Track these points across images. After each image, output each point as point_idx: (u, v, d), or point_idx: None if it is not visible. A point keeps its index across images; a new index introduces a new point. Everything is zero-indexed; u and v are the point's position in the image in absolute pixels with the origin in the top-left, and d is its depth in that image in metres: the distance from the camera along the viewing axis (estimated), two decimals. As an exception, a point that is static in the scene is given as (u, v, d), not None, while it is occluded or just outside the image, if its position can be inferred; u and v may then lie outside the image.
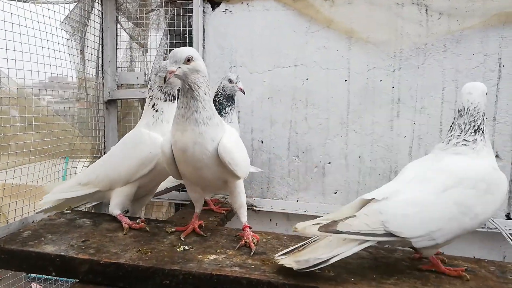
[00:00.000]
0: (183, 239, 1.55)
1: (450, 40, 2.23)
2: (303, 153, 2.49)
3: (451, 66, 2.24)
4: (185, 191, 2.56)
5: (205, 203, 2.20)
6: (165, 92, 1.70)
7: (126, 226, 1.60)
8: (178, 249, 1.46)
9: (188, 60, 1.35)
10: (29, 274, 2.41)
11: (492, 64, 2.19)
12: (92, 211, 2.55)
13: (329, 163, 2.46)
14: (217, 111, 2.09)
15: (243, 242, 1.54)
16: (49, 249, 1.37)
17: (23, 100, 1.92)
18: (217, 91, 2.22)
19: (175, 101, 1.66)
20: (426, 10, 2.25)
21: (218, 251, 1.47)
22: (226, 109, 2.17)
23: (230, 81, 2.15)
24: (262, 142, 2.53)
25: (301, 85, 2.45)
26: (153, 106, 1.69)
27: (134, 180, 1.63)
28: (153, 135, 1.61)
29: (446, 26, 2.23)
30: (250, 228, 1.62)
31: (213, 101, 2.20)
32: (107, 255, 1.37)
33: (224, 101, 2.17)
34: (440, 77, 2.26)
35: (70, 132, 2.28)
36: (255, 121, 2.51)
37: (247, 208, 2.48)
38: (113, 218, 1.71)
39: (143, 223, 1.63)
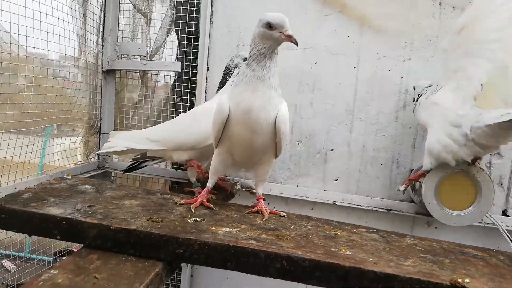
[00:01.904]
0: (193, 210, 1.50)
1: (461, 34, 2.24)
2: (306, 138, 2.46)
3: (460, 60, 2.25)
4: (182, 169, 2.50)
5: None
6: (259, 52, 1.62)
7: (197, 203, 1.59)
8: (189, 220, 1.41)
9: None
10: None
11: (501, 61, 2.21)
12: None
13: (332, 150, 2.44)
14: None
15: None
16: (54, 211, 1.29)
17: (21, 58, 1.80)
18: (228, 68, 2.15)
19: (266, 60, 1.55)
20: (440, 3, 2.25)
21: (230, 224, 1.42)
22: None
23: (245, 59, 2.10)
24: (264, 125, 2.49)
25: (309, 69, 2.41)
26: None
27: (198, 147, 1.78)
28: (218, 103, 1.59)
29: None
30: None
31: (223, 78, 2.14)
32: (116, 221, 1.30)
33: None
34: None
35: (67, 98, 2.17)
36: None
37: (246, 190, 2.47)
38: (118, 187, 1.64)
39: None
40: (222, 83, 2.18)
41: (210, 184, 1.61)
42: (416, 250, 1.41)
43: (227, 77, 2.14)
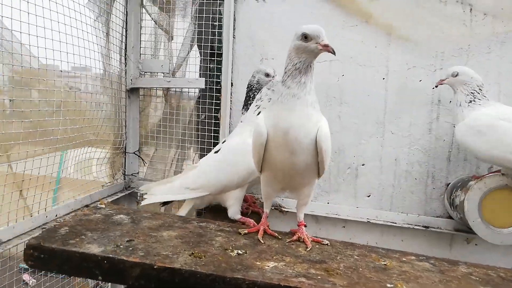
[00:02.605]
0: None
1: (494, 41, 2.15)
2: (335, 153, 2.38)
3: (494, 69, 2.16)
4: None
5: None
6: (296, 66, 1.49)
7: (261, 232, 1.54)
8: (231, 254, 1.34)
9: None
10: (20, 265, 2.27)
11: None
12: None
13: (363, 164, 2.36)
14: (249, 106, 1.99)
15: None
16: (94, 249, 1.24)
17: (49, 82, 1.76)
18: (250, 85, 2.09)
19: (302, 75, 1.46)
20: (470, 10, 2.16)
21: (274, 257, 1.35)
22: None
23: (267, 75, 2.03)
24: (292, 140, 2.41)
25: (335, 82, 2.33)
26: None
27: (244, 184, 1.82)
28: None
29: (490, 27, 2.14)
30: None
31: (248, 96, 2.08)
32: (159, 258, 1.24)
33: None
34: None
35: (94, 120, 2.13)
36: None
37: (275, 209, 2.40)
38: (152, 215, 1.58)
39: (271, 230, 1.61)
40: (246, 101, 2.12)
41: (267, 208, 1.56)
42: (473, 281, 1.32)
43: (250, 93, 2.08)
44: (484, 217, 1.85)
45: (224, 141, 2.13)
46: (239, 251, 1.36)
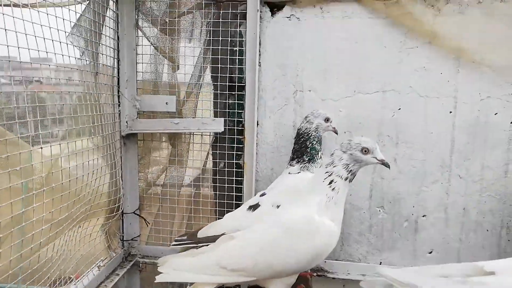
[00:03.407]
0: None
1: None
2: (390, 203, 1.92)
3: None
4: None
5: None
6: (350, 170, 1.39)
7: None
8: None
9: None
10: None
11: None
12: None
13: (424, 216, 1.91)
14: (308, 157, 1.69)
15: None
16: None
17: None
18: (307, 134, 1.64)
19: (351, 182, 1.41)
20: (558, 27, 1.73)
21: None
22: (319, 154, 1.70)
23: (327, 120, 1.66)
24: (335, 189, 1.94)
25: (390, 117, 1.87)
26: (330, 182, 1.38)
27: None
28: (328, 224, 1.36)
29: None
30: None
31: (302, 146, 1.61)
32: None
33: (317, 144, 1.68)
34: None
35: (87, 187, 1.58)
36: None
37: (318, 275, 1.93)
38: None
39: None
40: (300, 151, 1.68)
41: None
42: None
43: (307, 143, 1.67)
44: None
45: (263, 194, 1.64)
46: None
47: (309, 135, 1.66)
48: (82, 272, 1.64)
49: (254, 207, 1.60)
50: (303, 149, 1.67)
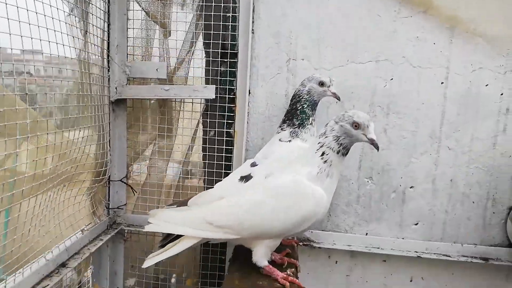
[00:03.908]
0: None
1: None
2: (378, 174, 1.93)
3: None
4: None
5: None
6: (341, 144, 1.33)
7: (287, 284, 1.36)
8: None
9: None
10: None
11: None
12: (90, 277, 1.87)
13: (412, 187, 1.92)
14: (298, 121, 1.65)
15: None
16: None
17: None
18: (299, 96, 1.61)
19: (345, 156, 1.36)
20: (552, -2, 1.73)
21: None
22: (310, 119, 1.65)
23: (322, 83, 1.60)
24: (325, 159, 1.94)
25: (382, 87, 1.86)
26: (322, 154, 1.34)
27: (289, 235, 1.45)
28: (318, 191, 1.32)
29: None
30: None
31: (292, 109, 1.60)
32: None
33: (308, 109, 1.63)
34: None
35: (72, 145, 1.54)
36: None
37: (303, 245, 1.93)
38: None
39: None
40: (290, 115, 1.65)
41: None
42: None
43: (298, 105, 1.63)
44: None
45: (255, 164, 1.63)
46: None
47: (301, 97, 1.63)
48: (65, 235, 1.61)
49: (246, 178, 1.58)
50: (294, 111, 1.64)
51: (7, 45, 1.07)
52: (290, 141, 1.65)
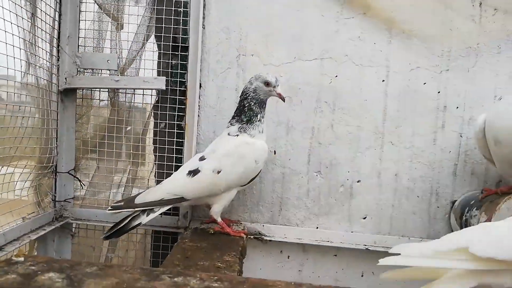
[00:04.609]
0: None
1: (505, 41, 1.89)
2: (326, 168, 1.98)
3: (505, 71, 1.90)
4: (170, 214, 1.92)
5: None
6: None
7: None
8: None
9: None
10: None
11: None
12: (35, 246, 1.81)
13: (358, 181, 1.98)
14: (246, 118, 1.69)
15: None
16: None
17: None
18: (246, 93, 1.66)
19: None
20: (480, 4, 1.89)
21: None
22: (258, 116, 1.68)
23: (267, 83, 1.65)
24: (275, 153, 1.98)
25: (328, 83, 1.95)
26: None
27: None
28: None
29: (501, 24, 1.88)
30: None
31: (241, 105, 1.64)
32: None
33: (255, 106, 1.68)
34: (492, 84, 1.92)
35: (15, 130, 1.53)
36: (268, 125, 1.93)
37: (254, 238, 1.94)
38: (101, 270, 1.05)
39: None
40: (238, 111, 1.70)
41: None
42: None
43: (245, 102, 1.68)
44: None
45: (203, 158, 1.66)
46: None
47: (248, 94, 1.65)
48: (2, 221, 1.56)
49: (194, 172, 1.62)
50: (242, 107, 1.67)
51: None
52: (237, 135, 1.69)
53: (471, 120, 1.91)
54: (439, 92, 1.93)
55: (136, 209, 1.58)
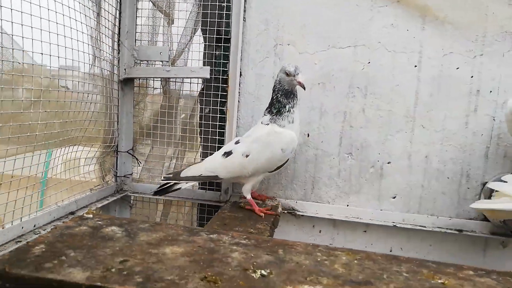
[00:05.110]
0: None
1: (542, 24, 1.88)
2: (357, 150, 2.10)
3: (542, 55, 1.89)
4: (213, 190, 2.15)
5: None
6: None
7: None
8: (254, 275, 1.05)
9: None
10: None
11: None
12: (100, 212, 2.12)
13: (389, 163, 2.08)
14: (275, 109, 1.79)
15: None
16: (78, 275, 0.93)
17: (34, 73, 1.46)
18: (275, 86, 1.78)
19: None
20: (517, -13, 1.89)
21: (308, 278, 1.06)
22: (287, 107, 1.76)
23: (288, 73, 1.70)
24: (308, 136, 2.13)
25: (360, 70, 2.05)
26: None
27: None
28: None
29: (539, 7, 1.87)
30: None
31: (272, 98, 1.79)
32: (162, 285, 0.94)
33: (283, 97, 1.75)
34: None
35: (81, 114, 1.83)
36: (302, 110, 2.08)
37: (288, 212, 2.12)
38: (152, 226, 1.29)
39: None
40: (271, 102, 1.82)
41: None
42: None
43: (273, 95, 1.81)
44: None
45: (238, 142, 1.86)
46: (263, 271, 1.07)
47: (275, 87, 1.75)
48: (75, 190, 1.88)
49: (228, 153, 1.83)
50: (272, 100, 1.77)
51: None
52: (268, 124, 1.82)
53: (505, 104, 1.92)
54: (472, 76, 1.96)
55: (180, 181, 1.84)
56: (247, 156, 1.77)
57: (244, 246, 1.24)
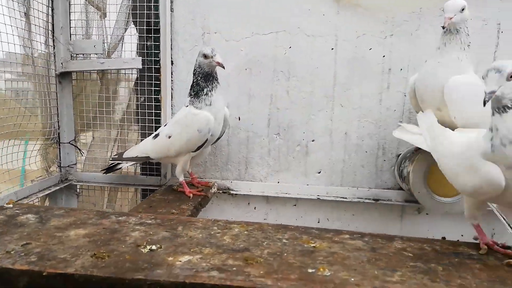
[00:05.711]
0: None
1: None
2: (284, 130, 2.24)
3: (446, 33, 2.02)
4: (154, 175, 2.29)
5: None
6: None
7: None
8: (143, 250, 1.19)
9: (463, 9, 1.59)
10: None
11: (491, 30, 1.99)
12: (47, 202, 2.25)
13: (313, 140, 2.23)
14: (194, 92, 1.85)
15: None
16: (-24, 258, 1.08)
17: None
18: (194, 70, 1.86)
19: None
20: (422, -30, 2.00)
21: (192, 249, 1.21)
22: (205, 90, 1.81)
23: (205, 56, 1.76)
24: (239, 119, 2.26)
25: (283, 55, 2.17)
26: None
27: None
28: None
29: (442, -13, 1.99)
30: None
31: (192, 81, 1.88)
32: (52, 263, 1.08)
33: (202, 81, 1.81)
34: (434, 45, 2.03)
35: (14, 111, 1.93)
36: (231, 95, 2.22)
37: (223, 192, 2.27)
38: (66, 212, 1.43)
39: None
40: (191, 85, 1.90)
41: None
42: (405, 258, 1.20)
43: (193, 78, 1.88)
44: (431, 187, 1.78)
45: (165, 125, 2.00)
46: (153, 247, 1.21)
47: (195, 71, 1.81)
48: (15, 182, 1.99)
49: (156, 135, 1.98)
50: (192, 83, 1.84)
51: None
52: (187, 106, 1.91)
53: (412, 81, 2.06)
54: (384, 56, 2.09)
55: (123, 161, 2.07)
56: (169, 137, 1.90)
57: (148, 225, 1.39)
